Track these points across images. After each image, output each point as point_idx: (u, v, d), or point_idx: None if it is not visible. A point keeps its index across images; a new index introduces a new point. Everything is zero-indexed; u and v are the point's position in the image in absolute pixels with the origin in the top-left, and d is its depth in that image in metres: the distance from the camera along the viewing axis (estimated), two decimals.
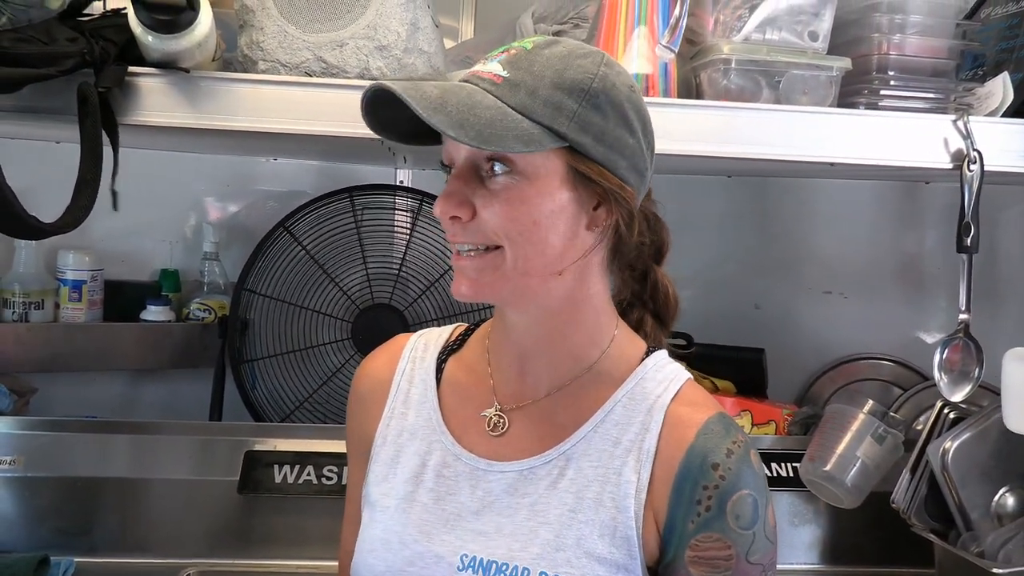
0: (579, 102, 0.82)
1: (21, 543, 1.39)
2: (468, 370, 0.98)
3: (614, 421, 0.90)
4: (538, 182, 0.83)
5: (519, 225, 0.83)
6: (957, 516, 1.37)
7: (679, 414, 0.88)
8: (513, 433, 0.92)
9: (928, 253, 1.91)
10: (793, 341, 1.87)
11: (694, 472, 0.85)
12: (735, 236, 1.89)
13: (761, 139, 1.18)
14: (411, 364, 1.00)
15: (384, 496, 0.94)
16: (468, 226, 0.85)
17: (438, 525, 0.90)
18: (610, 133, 0.84)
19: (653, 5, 1.23)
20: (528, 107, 0.81)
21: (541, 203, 0.83)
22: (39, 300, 1.64)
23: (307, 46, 1.13)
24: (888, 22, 1.24)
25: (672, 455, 0.86)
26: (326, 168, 1.82)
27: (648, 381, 0.91)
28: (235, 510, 1.43)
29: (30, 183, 1.14)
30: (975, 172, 1.20)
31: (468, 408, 0.95)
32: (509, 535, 0.87)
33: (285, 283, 1.69)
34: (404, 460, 0.94)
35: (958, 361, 1.26)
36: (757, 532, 0.86)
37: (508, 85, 0.82)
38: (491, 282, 0.86)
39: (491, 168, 0.83)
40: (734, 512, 0.85)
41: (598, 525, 0.86)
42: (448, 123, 0.78)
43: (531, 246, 0.84)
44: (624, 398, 0.90)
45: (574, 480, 0.88)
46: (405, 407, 0.97)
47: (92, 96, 1.05)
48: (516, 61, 0.84)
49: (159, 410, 1.77)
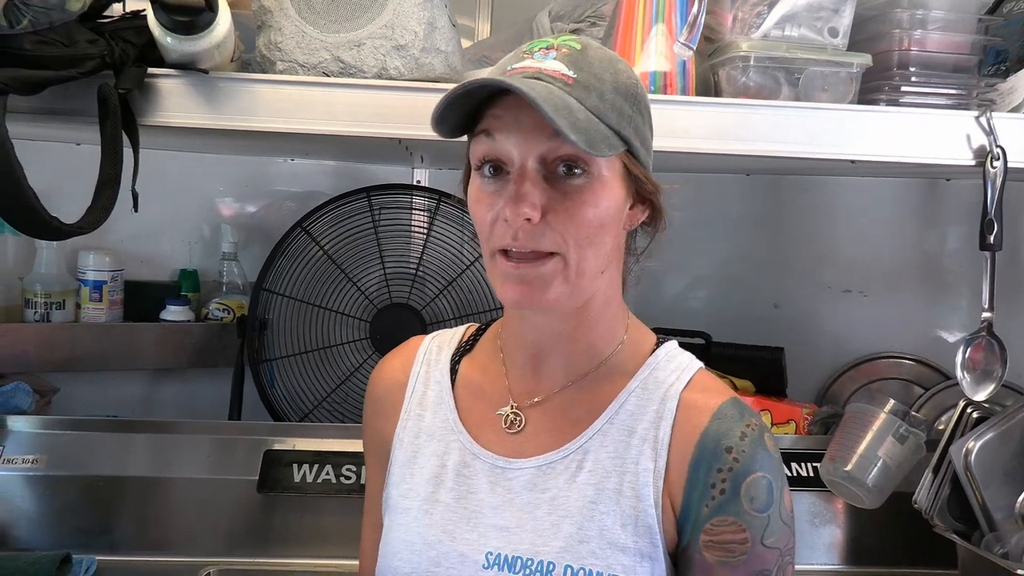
0: (632, 106, 0.85)
1: (43, 541, 1.40)
2: (482, 370, 0.98)
3: (629, 411, 0.90)
4: (607, 184, 0.84)
5: (587, 229, 0.83)
6: (980, 517, 1.35)
7: (692, 400, 0.89)
8: (530, 430, 0.93)
9: (949, 251, 1.89)
10: (813, 340, 1.85)
11: (708, 456, 0.86)
12: (753, 234, 1.87)
13: (780, 137, 1.17)
14: (425, 367, 1.00)
15: (404, 498, 0.94)
16: (534, 230, 0.82)
17: (461, 524, 0.90)
18: (647, 137, 0.88)
19: (671, 3, 1.23)
20: (601, 110, 0.82)
21: (608, 205, 0.84)
22: (60, 300, 1.66)
23: (325, 46, 1.13)
24: (909, 17, 1.23)
25: (687, 440, 0.87)
26: (343, 168, 1.83)
27: (660, 371, 0.92)
28: (254, 509, 1.44)
29: (51, 184, 1.15)
30: (998, 168, 1.18)
31: (484, 407, 0.96)
32: (532, 530, 0.88)
33: (303, 283, 1.70)
34: (422, 462, 0.95)
35: (981, 360, 1.25)
36: (772, 515, 0.86)
37: (580, 87, 0.82)
38: (557, 296, 0.84)
39: (568, 170, 0.82)
40: (748, 495, 0.85)
41: (619, 515, 0.86)
42: (569, 126, 0.77)
43: (591, 248, 0.84)
44: (638, 388, 0.91)
45: (593, 472, 0.88)
46: (421, 409, 0.98)
47: (112, 97, 1.06)
48: (576, 62, 0.83)
49: (178, 409, 1.79)
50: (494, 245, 0.85)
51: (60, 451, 1.44)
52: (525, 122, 0.81)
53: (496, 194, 0.84)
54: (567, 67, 0.82)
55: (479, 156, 0.85)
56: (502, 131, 0.83)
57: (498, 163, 0.84)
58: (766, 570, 0.86)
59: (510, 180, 0.83)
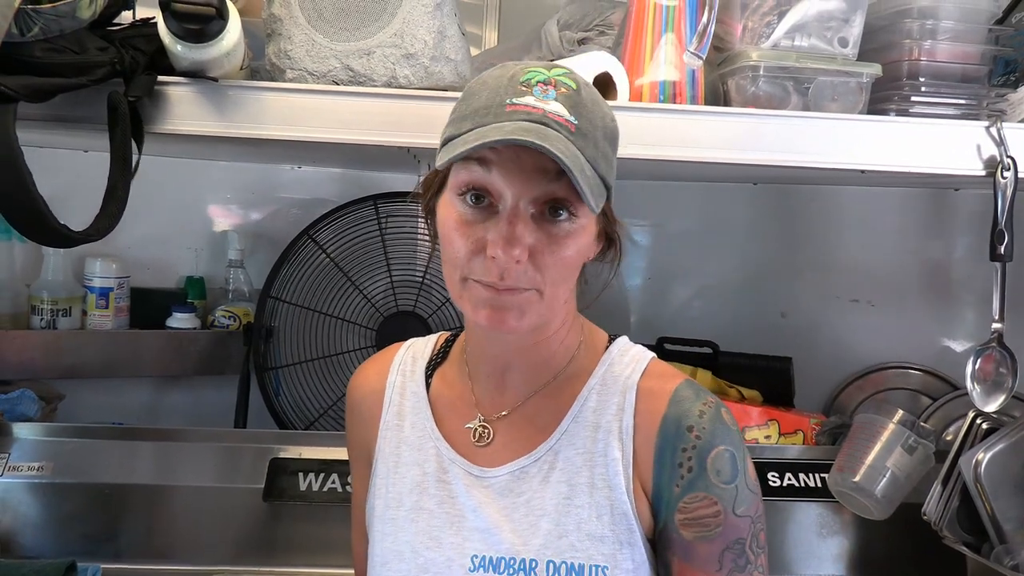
0: (613, 150, 0.88)
1: (48, 549, 1.40)
2: (450, 384, 1.01)
3: (591, 408, 0.93)
4: (589, 227, 0.87)
5: (566, 269, 0.86)
6: (990, 528, 1.35)
7: (649, 388, 0.93)
8: (499, 441, 0.96)
9: (957, 260, 1.88)
10: (820, 350, 1.85)
11: (671, 437, 0.89)
12: (761, 243, 1.87)
13: (790, 146, 1.17)
14: (401, 377, 1.02)
15: (389, 508, 0.96)
16: (518, 269, 0.82)
17: (445, 529, 0.93)
18: (613, 173, 0.89)
19: (680, 12, 1.23)
20: (594, 159, 0.83)
21: (585, 244, 0.87)
22: (67, 307, 1.66)
23: (335, 55, 1.13)
24: (919, 27, 1.23)
25: (649, 426, 0.90)
26: (350, 175, 1.83)
27: (616, 365, 0.96)
28: (260, 517, 1.43)
29: (59, 191, 1.14)
30: (1009, 179, 1.18)
31: (455, 421, 0.98)
32: (511, 531, 0.90)
33: (309, 290, 1.70)
34: (403, 471, 0.97)
35: (991, 371, 1.24)
36: (739, 485, 0.89)
37: (580, 136, 0.82)
38: (530, 323, 0.87)
39: (552, 212, 0.83)
40: (714, 468, 0.88)
41: (594, 507, 0.89)
42: (585, 186, 0.80)
43: (564, 284, 0.88)
44: (597, 385, 0.94)
45: (564, 470, 0.91)
46: (400, 420, 1.00)
47: (122, 105, 1.06)
48: (576, 106, 0.83)
49: (184, 417, 1.78)
50: (470, 274, 0.85)
51: (66, 458, 1.44)
52: (527, 163, 0.81)
53: (477, 225, 0.84)
54: (568, 111, 0.82)
55: (464, 182, 0.84)
56: (501, 167, 0.82)
57: (484, 194, 0.83)
58: (741, 539, 0.89)
59: (500, 217, 0.83)
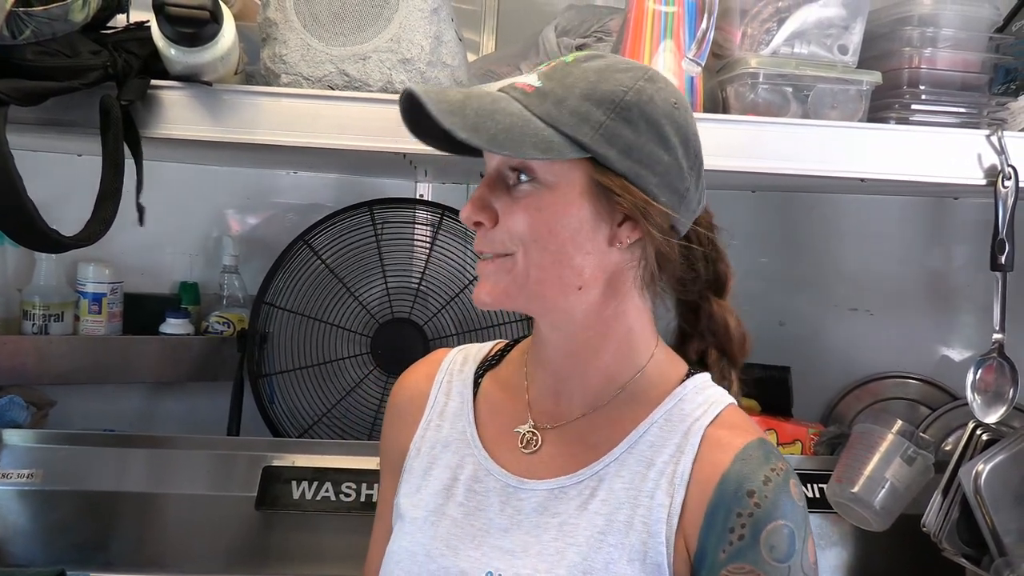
0: (607, 114, 0.81)
1: (38, 557, 1.38)
2: (504, 386, 0.97)
3: (649, 442, 0.88)
4: (558, 191, 0.83)
5: (535, 232, 0.83)
6: (990, 540, 1.33)
7: (717, 437, 0.86)
8: (546, 451, 0.91)
9: (956, 269, 1.88)
10: (819, 359, 1.84)
11: (728, 498, 0.82)
12: (760, 252, 1.86)
13: (789, 154, 1.16)
14: (448, 377, 1.00)
15: (414, 508, 0.93)
16: (489, 233, 0.86)
17: (465, 540, 0.89)
18: (640, 148, 0.82)
19: (679, 18, 1.22)
20: (552, 116, 0.81)
21: (559, 213, 0.83)
22: (59, 312, 1.64)
23: (330, 59, 1.12)
24: (919, 35, 1.22)
25: (707, 479, 0.84)
26: (345, 181, 1.82)
27: (687, 403, 0.89)
28: (253, 526, 1.42)
29: (50, 196, 1.13)
30: (1009, 188, 1.17)
31: (502, 423, 0.94)
32: (536, 555, 0.86)
33: (304, 297, 1.68)
34: (436, 472, 0.94)
35: (992, 382, 1.23)
36: (793, 566, 0.82)
37: (538, 94, 0.83)
38: (504, 287, 0.86)
39: (517, 177, 0.84)
40: (768, 543, 0.81)
41: (628, 549, 0.84)
42: (462, 125, 0.79)
43: (547, 254, 0.84)
44: (660, 419, 0.88)
45: (605, 501, 0.86)
46: (441, 419, 0.97)
47: (115, 109, 1.05)
48: (552, 73, 0.85)
49: (177, 423, 1.77)
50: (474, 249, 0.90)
51: (57, 466, 1.42)
52: None
53: None
54: (539, 79, 0.84)
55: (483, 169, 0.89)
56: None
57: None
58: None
59: None
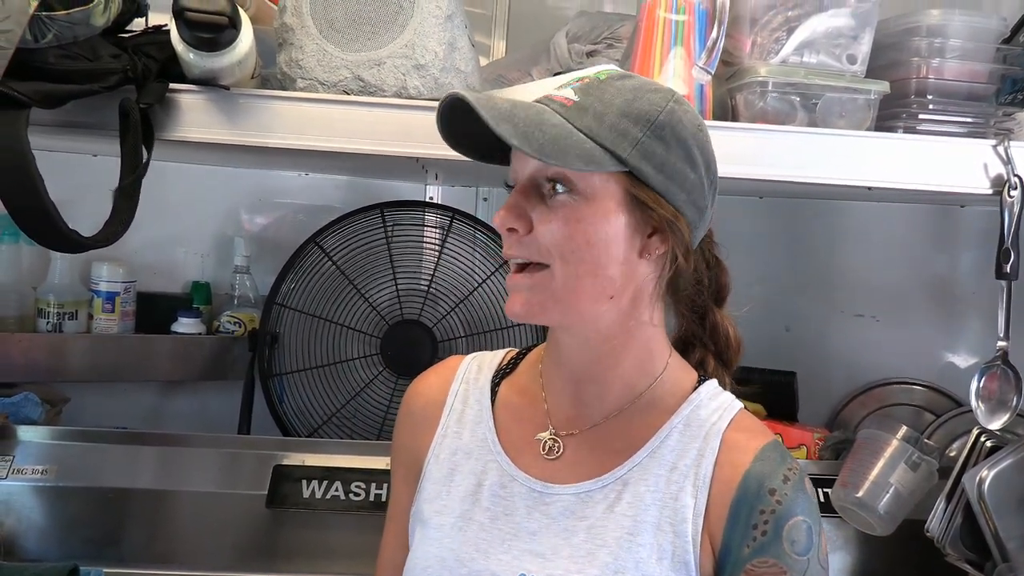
0: (644, 131, 0.85)
1: (52, 552, 1.39)
2: (522, 392, 0.99)
3: (670, 447, 0.91)
4: (595, 203, 0.86)
5: (572, 243, 0.85)
6: (993, 546, 1.34)
7: (735, 440, 0.90)
8: (567, 457, 0.93)
9: (962, 277, 1.88)
10: (824, 364, 1.85)
11: (751, 497, 0.86)
12: (766, 257, 1.87)
13: (797, 162, 1.18)
14: (465, 385, 1.01)
15: (438, 514, 0.94)
16: (523, 240, 0.87)
17: (495, 544, 0.90)
18: (671, 165, 0.86)
19: (690, 26, 1.23)
20: (593, 130, 0.84)
21: (596, 224, 0.85)
22: (73, 311, 1.66)
23: (345, 64, 1.14)
24: (927, 46, 1.24)
25: (729, 480, 0.88)
26: (356, 183, 1.83)
27: (703, 408, 0.93)
28: (263, 524, 1.43)
29: (67, 195, 1.15)
30: (1015, 198, 1.19)
31: (522, 430, 0.96)
32: (567, 557, 0.88)
33: (315, 297, 1.70)
34: (459, 479, 0.95)
35: (996, 389, 1.24)
36: (811, 559, 0.87)
37: (577, 108, 0.86)
38: (541, 301, 0.88)
39: (552, 187, 0.86)
40: (790, 537, 0.86)
41: (656, 549, 0.87)
42: (514, 133, 0.81)
43: (583, 265, 0.86)
44: (680, 424, 0.92)
45: (632, 504, 0.89)
46: (459, 427, 0.98)
47: (134, 112, 1.07)
48: (588, 88, 0.87)
49: (188, 422, 1.78)
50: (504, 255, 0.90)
51: (70, 462, 1.43)
52: None
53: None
54: (576, 94, 0.87)
55: (507, 177, 0.91)
56: (515, 153, 0.89)
57: (516, 182, 0.90)
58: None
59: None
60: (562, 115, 0.85)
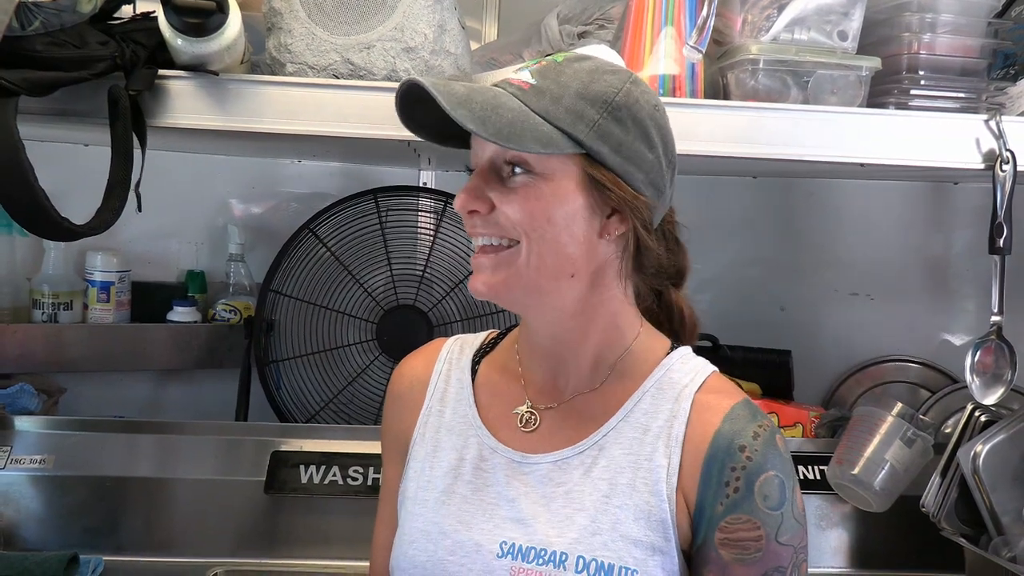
0: (600, 113, 0.86)
1: (51, 541, 1.40)
2: (501, 370, 1.01)
3: (643, 410, 0.93)
4: (553, 183, 0.87)
5: (535, 220, 0.87)
6: (988, 520, 1.35)
7: (706, 401, 0.92)
8: (544, 429, 0.96)
9: (956, 254, 1.89)
10: (819, 343, 1.85)
11: (721, 454, 0.88)
12: (760, 237, 1.87)
13: (789, 140, 1.18)
14: (447, 365, 1.04)
15: (422, 490, 0.97)
16: (487, 219, 0.88)
17: (477, 515, 0.93)
18: (629, 146, 0.87)
19: (680, 5, 1.23)
20: (550, 112, 0.85)
21: (555, 203, 0.87)
22: (68, 301, 1.66)
23: (335, 48, 1.14)
24: (919, 21, 1.23)
25: (700, 439, 0.89)
26: (350, 169, 1.83)
27: (674, 372, 0.95)
28: (261, 510, 1.44)
29: (59, 185, 1.15)
30: (1008, 172, 1.19)
31: (501, 405, 0.98)
32: (546, 522, 0.90)
33: (310, 284, 1.70)
34: (442, 455, 0.97)
35: (991, 364, 1.25)
36: (785, 513, 0.88)
37: (534, 91, 0.87)
38: (505, 279, 0.89)
39: (511, 169, 0.87)
40: (762, 492, 0.87)
41: (632, 509, 0.89)
42: (470, 118, 0.82)
43: (545, 243, 0.87)
44: (652, 388, 0.94)
45: (607, 467, 0.91)
46: (442, 405, 1.01)
47: (123, 99, 1.06)
48: (545, 71, 0.88)
49: (185, 410, 1.79)
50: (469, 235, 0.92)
51: (68, 451, 1.44)
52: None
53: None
54: (533, 76, 0.88)
55: (468, 160, 0.93)
56: (474, 138, 0.89)
57: (476, 166, 0.91)
58: (781, 567, 0.88)
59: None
60: (519, 98, 0.86)
